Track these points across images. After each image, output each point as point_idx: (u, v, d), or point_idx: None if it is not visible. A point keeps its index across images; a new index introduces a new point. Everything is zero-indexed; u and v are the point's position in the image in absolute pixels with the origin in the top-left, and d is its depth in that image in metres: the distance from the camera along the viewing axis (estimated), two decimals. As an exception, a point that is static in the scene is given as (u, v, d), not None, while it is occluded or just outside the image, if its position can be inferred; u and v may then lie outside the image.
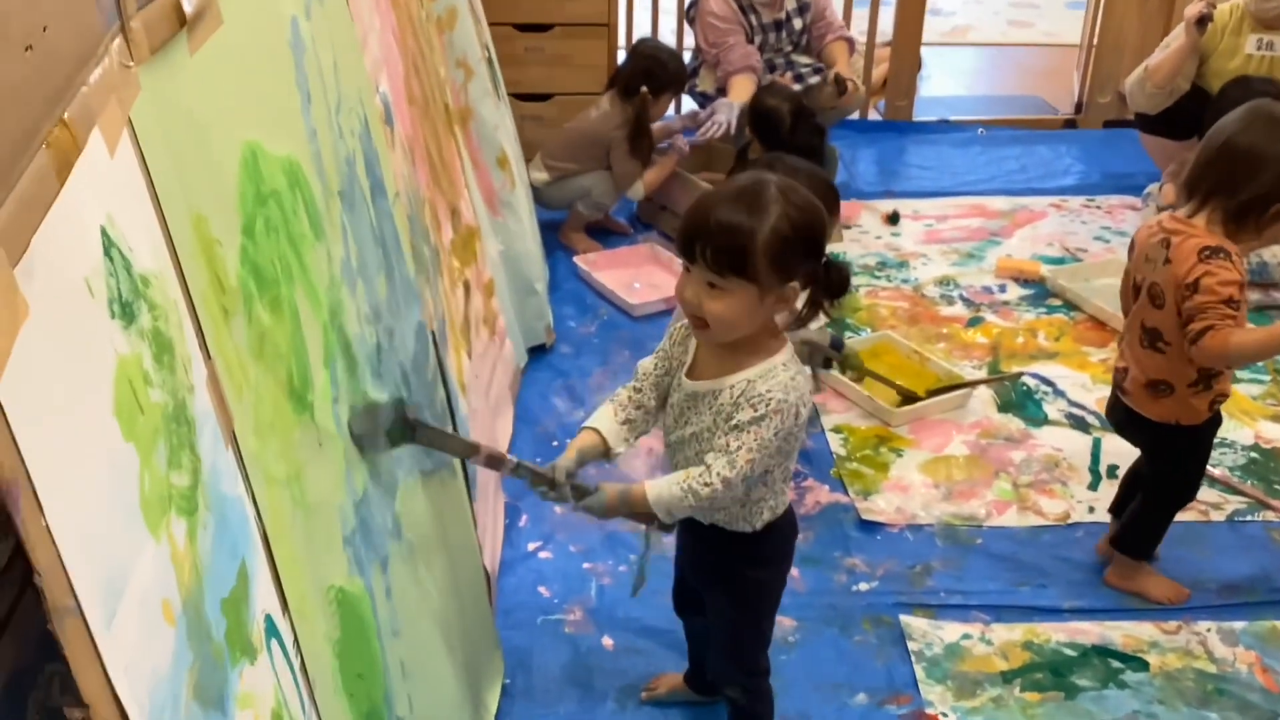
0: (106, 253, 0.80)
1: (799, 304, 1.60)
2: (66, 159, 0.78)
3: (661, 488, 1.60)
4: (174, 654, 0.79)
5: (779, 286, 1.53)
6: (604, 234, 3.79)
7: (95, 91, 0.85)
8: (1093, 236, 3.78)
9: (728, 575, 1.76)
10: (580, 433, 1.71)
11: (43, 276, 0.70)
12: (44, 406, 0.67)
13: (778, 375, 1.57)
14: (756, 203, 1.52)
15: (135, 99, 0.94)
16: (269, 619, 1.04)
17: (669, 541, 2.44)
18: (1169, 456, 2.21)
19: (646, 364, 1.73)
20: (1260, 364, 3.03)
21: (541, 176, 3.61)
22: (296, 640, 1.12)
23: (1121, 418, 2.23)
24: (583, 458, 1.68)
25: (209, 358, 0.99)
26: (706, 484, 1.56)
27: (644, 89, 3.51)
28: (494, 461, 1.71)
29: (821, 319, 1.79)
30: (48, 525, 0.63)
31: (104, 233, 0.80)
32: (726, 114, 3.58)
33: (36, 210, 0.71)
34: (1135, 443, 2.27)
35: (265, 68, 1.29)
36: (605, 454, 1.70)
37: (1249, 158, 1.95)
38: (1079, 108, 4.72)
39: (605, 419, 1.70)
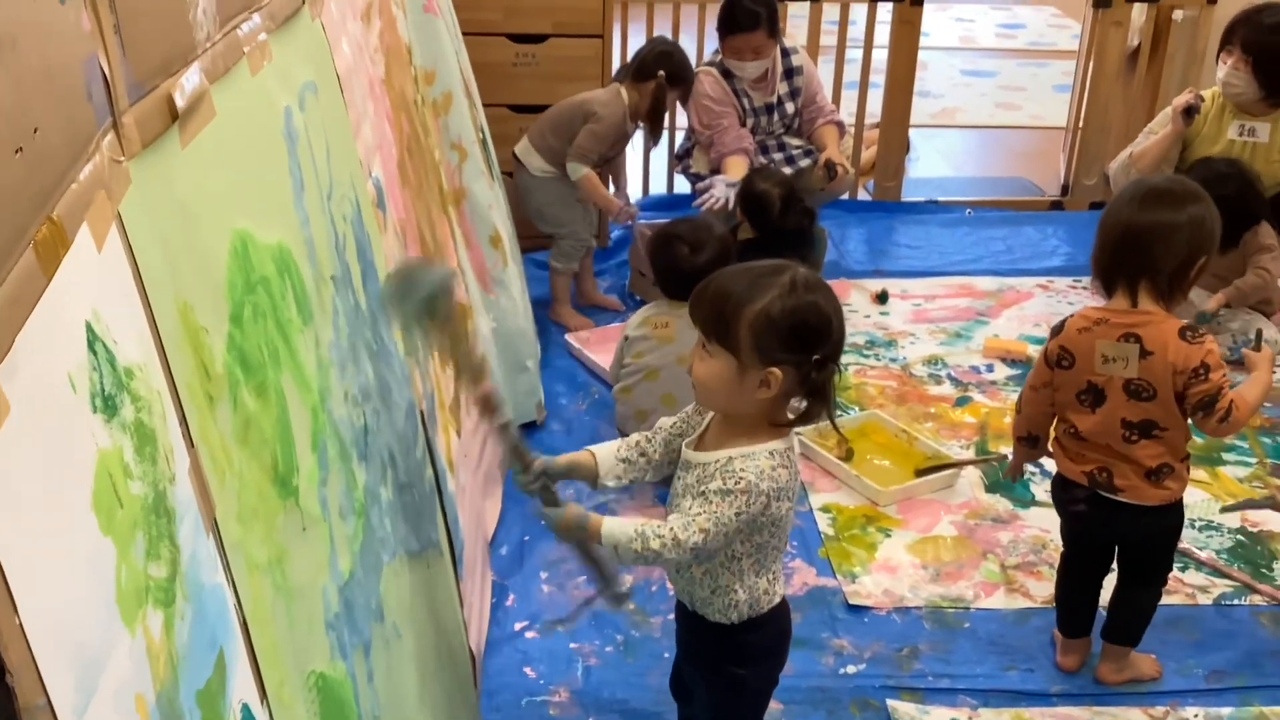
0: (90, 347, 0.81)
1: (798, 400, 1.62)
2: (54, 256, 0.79)
3: (616, 525, 1.63)
4: (146, 749, 0.79)
5: (759, 367, 1.56)
6: (595, 311, 3.82)
7: (85, 188, 0.87)
8: (1079, 317, 3.81)
9: (708, 666, 1.77)
10: (581, 451, 1.76)
11: (25, 374, 0.71)
12: (22, 504, 0.68)
13: (758, 459, 1.59)
14: (759, 281, 1.58)
15: (125, 193, 0.96)
16: (245, 708, 1.04)
17: (655, 621, 2.44)
18: (1169, 535, 2.21)
19: (666, 420, 1.78)
20: (1247, 448, 3.05)
21: (536, 162, 3.59)
22: (275, 728, 1.12)
23: (1108, 517, 2.16)
24: (570, 470, 1.73)
25: (192, 446, 1.00)
26: (658, 536, 1.58)
27: (661, 73, 3.53)
28: (489, 404, 1.69)
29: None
30: (21, 624, 0.64)
31: (89, 327, 0.82)
32: (723, 190, 3.62)
33: (22, 309, 0.73)
34: (1125, 539, 2.22)
35: (258, 158, 1.31)
36: (594, 480, 1.74)
37: (1158, 233, 2.02)
38: (1065, 189, 4.79)
39: (606, 449, 1.76)
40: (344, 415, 1.49)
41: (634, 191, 4.60)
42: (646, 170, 4.57)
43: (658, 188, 4.63)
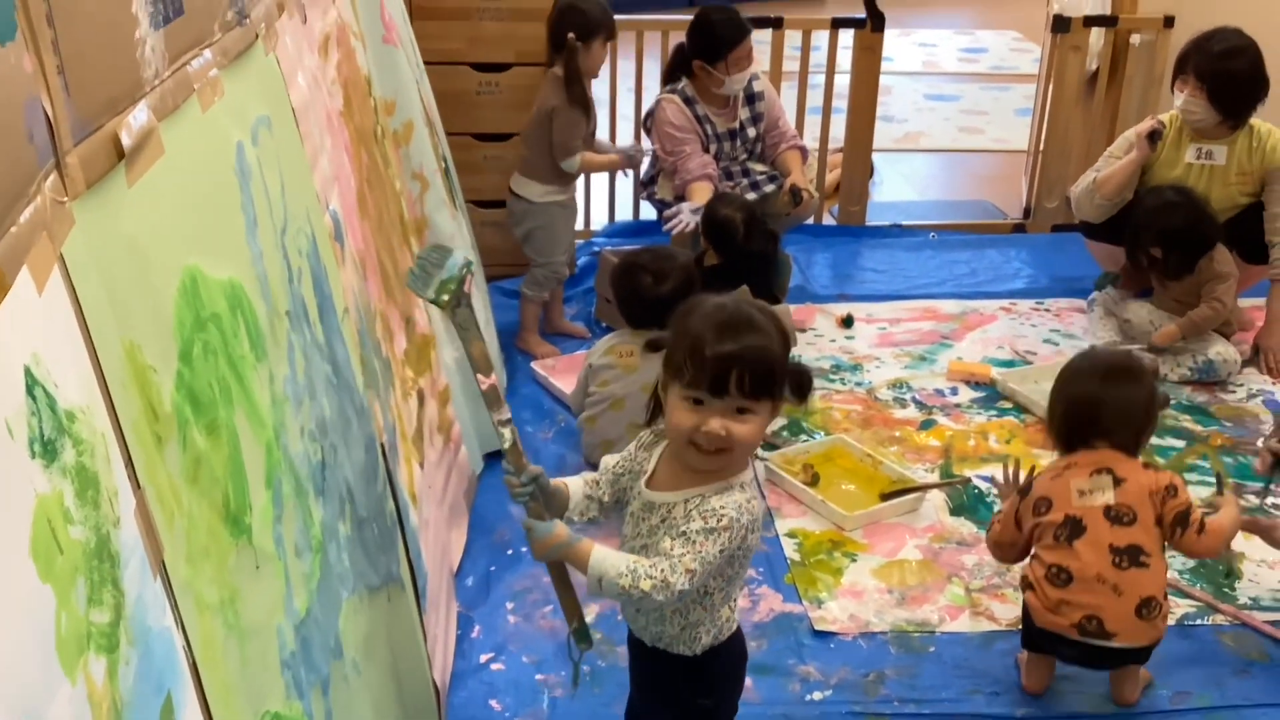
0: (29, 392, 0.80)
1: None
2: (-8, 301, 0.79)
3: (609, 556, 1.60)
4: (86, 799, 0.78)
5: (777, 404, 1.59)
6: (561, 338, 3.82)
7: (26, 230, 0.87)
8: (1042, 339, 3.84)
9: (672, 699, 1.76)
10: (559, 480, 1.76)
11: (-41, 421, 0.70)
12: (-47, 555, 0.67)
13: (734, 494, 1.59)
14: (760, 326, 1.58)
15: (69, 234, 0.95)
16: (195, 751, 1.03)
17: (621, 650, 2.42)
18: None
19: (609, 460, 1.77)
20: (1208, 467, 3.07)
21: (536, 190, 3.59)
22: (227, 771, 1.10)
23: (1098, 663, 2.22)
24: (554, 494, 1.72)
25: (138, 487, 0.99)
26: (650, 577, 1.55)
27: (570, 35, 3.48)
28: (493, 397, 1.70)
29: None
30: (-50, 677, 0.63)
31: (28, 372, 0.81)
32: (689, 216, 3.63)
33: (-44, 356, 0.72)
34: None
35: (208, 194, 1.31)
36: (562, 513, 1.74)
37: (1120, 406, 2.18)
38: (1027, 212, 4.83)
39: (577, 484, 1.76)
40: (300, 451, 1.48)
41: (600, 218, 4.61)
42: (612, 197, 4.58)
43: (624, 214, 4.64)
